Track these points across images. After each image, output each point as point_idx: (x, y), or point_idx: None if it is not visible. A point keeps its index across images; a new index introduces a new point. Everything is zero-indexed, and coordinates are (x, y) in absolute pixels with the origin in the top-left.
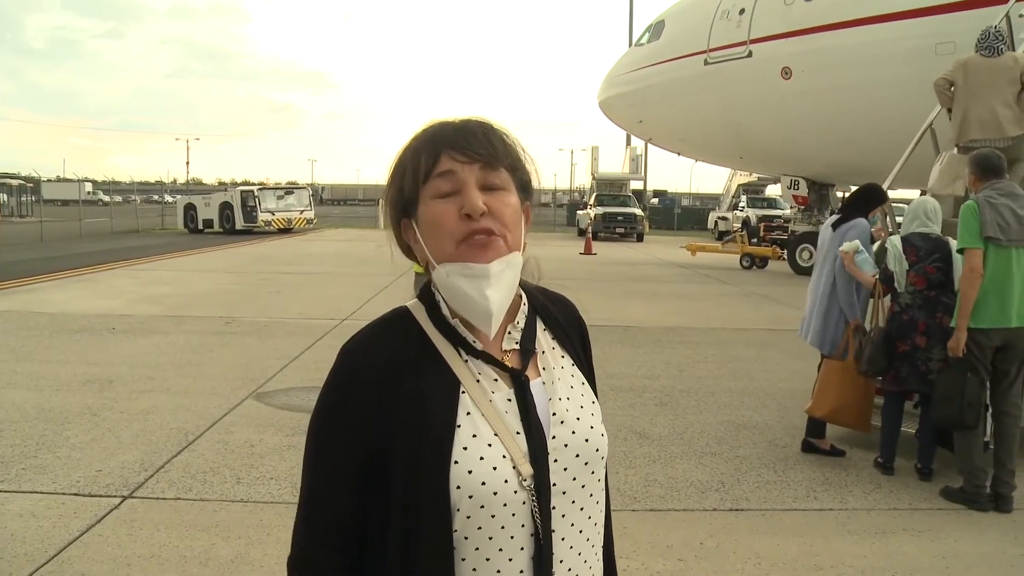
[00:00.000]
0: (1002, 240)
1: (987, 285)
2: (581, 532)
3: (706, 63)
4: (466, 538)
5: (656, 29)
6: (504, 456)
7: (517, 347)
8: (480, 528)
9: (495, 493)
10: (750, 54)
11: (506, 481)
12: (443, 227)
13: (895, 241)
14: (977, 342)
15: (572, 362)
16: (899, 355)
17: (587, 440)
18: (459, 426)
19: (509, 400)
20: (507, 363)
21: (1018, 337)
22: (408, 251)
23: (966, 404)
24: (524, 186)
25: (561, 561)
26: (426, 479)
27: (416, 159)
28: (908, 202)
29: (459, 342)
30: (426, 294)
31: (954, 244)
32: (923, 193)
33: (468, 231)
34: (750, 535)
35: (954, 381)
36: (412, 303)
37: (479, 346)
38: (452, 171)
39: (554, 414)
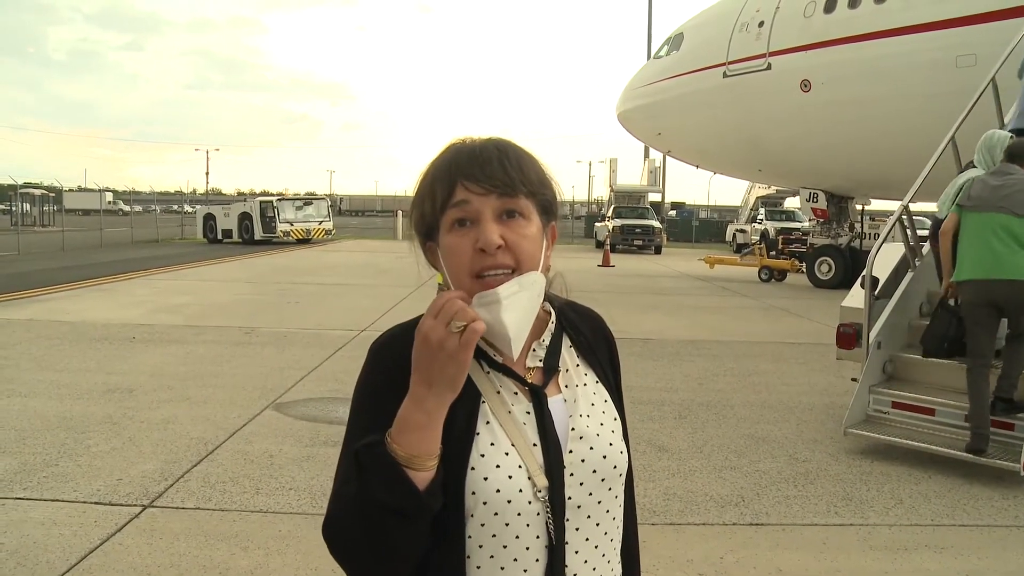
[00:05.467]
0: (967, 206)
1: (959, 245)
2: (597, 548)
3: (725, 75)
4: (481, 546)
5: (675, 41)
6: (520, 466)
7: (541, 364)
8: (494, 536)
9: (509, 501)
10: (769, 66)
11: (520, 491)
12: (459, 260)
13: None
14: (959, 293)
15: (596, 379)
16: None
17: (605, 457)
18: (478, 434)
19: (528, 413)
20: (528, 379)
21: (1002, 292)
22: (436, 262)
23: (930, 335)
24: (546, 207)
25: (575, 575)
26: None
27: (433, 189)
28: (926, 214)
29: (480, 354)
30: None
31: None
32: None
33: (482, 267)
34: (771, 550)
35: (931, 315)
36: None
37: (500, 359)
38: (467, 201)
39: (573, 429)
